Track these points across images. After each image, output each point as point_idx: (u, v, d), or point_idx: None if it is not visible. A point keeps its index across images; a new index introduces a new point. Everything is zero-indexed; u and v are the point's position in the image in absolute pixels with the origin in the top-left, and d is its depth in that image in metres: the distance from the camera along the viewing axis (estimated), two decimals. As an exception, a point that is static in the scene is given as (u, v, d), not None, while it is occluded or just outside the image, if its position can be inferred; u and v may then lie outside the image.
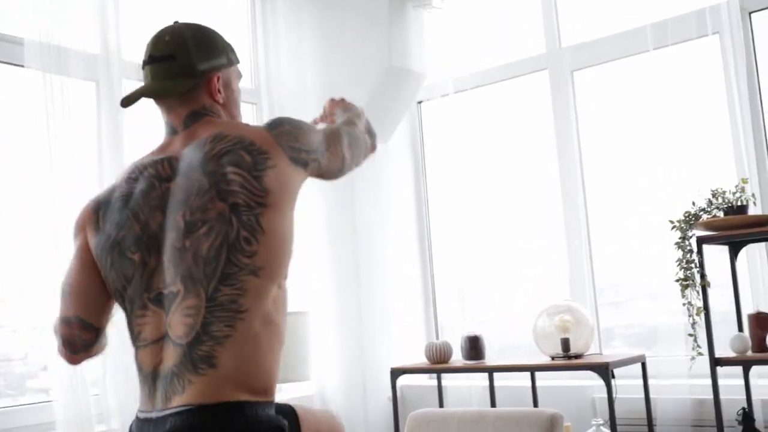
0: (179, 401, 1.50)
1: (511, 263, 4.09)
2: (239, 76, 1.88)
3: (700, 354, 2.83)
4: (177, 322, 1.55)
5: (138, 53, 3.44)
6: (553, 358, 3.24)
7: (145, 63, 1.78)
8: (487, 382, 3.60)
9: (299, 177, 1.68)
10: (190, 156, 1.65)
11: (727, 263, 3.00)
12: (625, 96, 3.70)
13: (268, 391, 1.56)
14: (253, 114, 4.15)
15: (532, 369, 3.30)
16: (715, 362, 2.75)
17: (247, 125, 1.73)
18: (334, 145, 1.78)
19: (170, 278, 1.58)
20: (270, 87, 4.15)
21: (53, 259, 2.92)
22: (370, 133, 1.95)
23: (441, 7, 4.07)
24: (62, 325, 1.69)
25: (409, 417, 2.65)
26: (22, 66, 3.09)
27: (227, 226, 1.55)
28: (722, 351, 2.84)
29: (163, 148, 1.75)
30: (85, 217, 1.73)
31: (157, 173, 1.67)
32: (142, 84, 1.80)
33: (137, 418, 1.62)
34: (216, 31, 1.83)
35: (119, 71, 3.36)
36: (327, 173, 1.78)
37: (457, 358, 3.55)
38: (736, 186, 2.82)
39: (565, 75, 3.87)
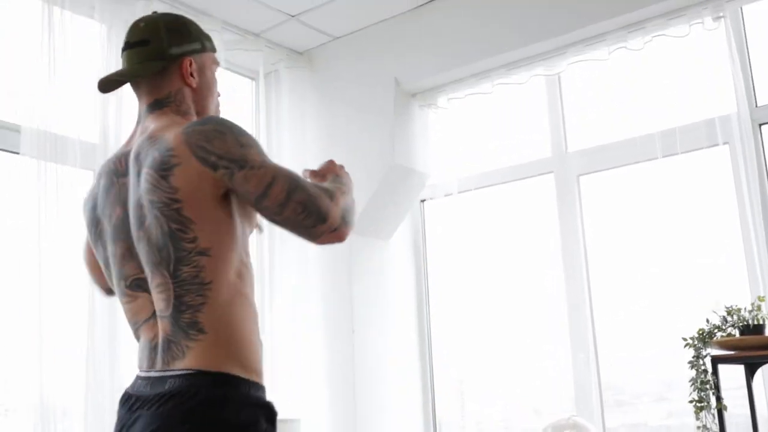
0: (181, 365, 1.59)
1: (514, 368, 3.93)
2: (215, 62, 1.90)
3: (716, 481, 2.65)
4: (156, 299, 1.65)
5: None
6: (558, 479, 3.05)
7: (123, 50, 1.83)
8: (487, 500, 3.40)
9: (209, 177, 1.61)
10: (132, 157, 1.72)
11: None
12: (633, 203, 3.63)
13: (257, 372, 1.64)
14: (252, 207, 4.07)
15: (536, 489, 3.10)
16: (734, 493, 2.57)
17: (176, 125, 1.72)
18: (266, 171, 1.63)
19: (140, 264, 1.69)
20: (271, 180, 4.09)
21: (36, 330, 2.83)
22: (345, 214, 1.71)
23: (447, 107, 4.04)
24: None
25: None
26: (18, 153, 3.05)
27: (160, 220, 1.62)
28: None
29: (128, 141, 1.81)
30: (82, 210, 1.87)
31: (116, 169, 1.76)
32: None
33: (137, 377, 1.70)
34: (193, 21, 1.87)
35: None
36: (241, 191, 1.62)
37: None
38: (752, 304, 2.69)
39: (571, 179, 3.80)
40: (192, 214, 1.61)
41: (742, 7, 3.34)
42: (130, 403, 1.67)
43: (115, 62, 3.35)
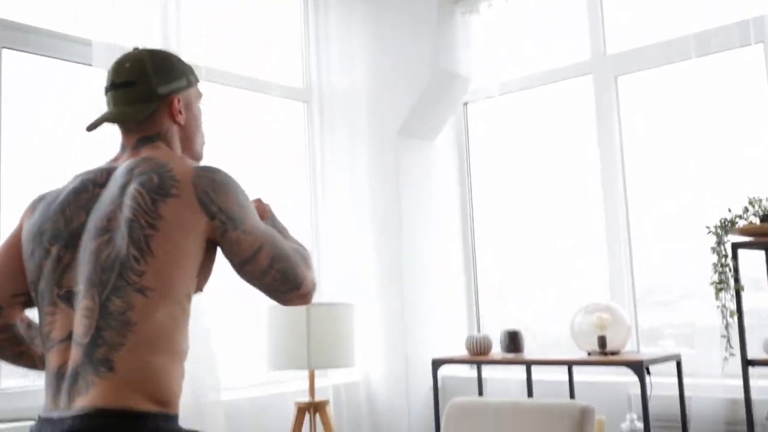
0: (82, 402, 1.51)
1: (552, 261, 4.20)
2: (199, 95, 1.92)
3: (732, 355, 2.93)
4: (78, 322, 1.58)
5: (196, 53, 3.65)
6: (589, 354, 3.35)
7: (107, 89, 1.82)
8: (525, 375, 3.73)
9: (201, 222, 1.65)
10: (123, 171, 1.70)
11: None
12: (668, 102, 3.79)
13: (172, 402, 1.57)
14: (304, 112, 4.33)
15: (569, 363, 3.41)
16: (747, 363, 2.84)
17: (183, 158, 1.74)
18: (255, 238, 1.70)
19: (79, 277, 1.62)
20: (321, 87, 4.33)
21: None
22: (314, 278, 1.79)
23: (488, 13, 4.19)
24: None
25: (449, 404, 2.79)
26: (91, 65, 3.32)
27: (122, 241, 1.59)
28: (756, 353, 2.92)
29: (112, 161, 1.81)
30: (27, 208, 1.81)
31: (95, 178, 1.73)
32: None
33: (39, 418, 1.61)
34: (175, 54, 1.88)
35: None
36: (229, 249, 1.68)
37: (497, 351, 3.69)
38: (772, 194, 2.90)
39: (609, 80, 3.96)
40: (157, 246, 1.58)
41: None
42: None
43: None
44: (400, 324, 4.13)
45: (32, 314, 2.96)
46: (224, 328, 3.62)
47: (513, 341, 3.60)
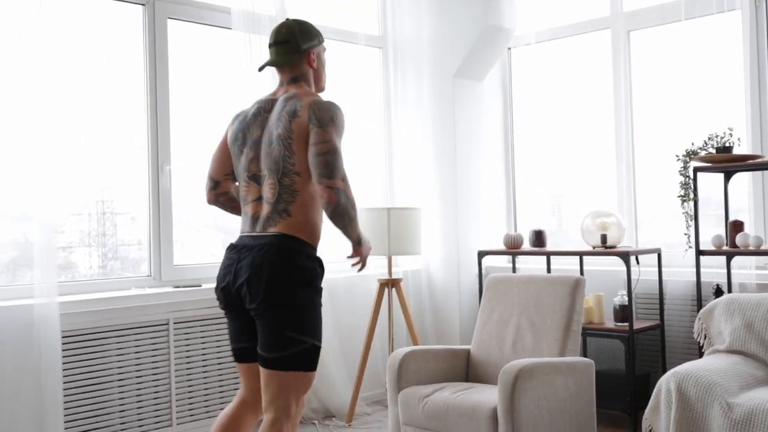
0: (273, 230, 2.64)
1: (572, 177, 5.35)
2: (325, 50, 2.93)
3: (690, 247, 4.09)
4: (266, 191, 2.70)
5: (300, 11, 4.70)
6: (594, 248, 4.54)
7: (271, 45, 2.84)
8: (545, 265, 4.95)
9: (307, 127, 2.64)
10: (279, 102, 2.75)
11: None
12: (665, 55, 4.82)
13: (316, 241, 2.71)
14: (379, 57, 5.47)
15: (580, 254, 4.61)
16: (699, 253, 4.02)
17: (312, 94, 2.76)
18: (327, 137, 2.62)
19: (262, 167, 2.72)
20: (394, 35, 5.45)
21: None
22: (345, 193, 2.62)
23: (529, -23, 5.22)
24: (206, 178, 2.93)
25: (488, 277, 4.06)
26: (230, 29, 4.49)
27: (281, 146, 2.66)
28: (708, 248, 4.08)
29: (273, 93, 2.85)
30: (230, 121, 2.90)
31: (264, 106, 2.80)
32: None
33: (240, 236, 2.75)
34: (310, 22, 2.88)
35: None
36: (311, 137, 2.62)
37: (526, 245, 4.91)
38: (724, 132, 3.99)
39: (622, 34, 5.00)
40: (296, 148, 2.64)
41: None
42: (237, 249, 2.69)
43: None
44: (454, 224, 5.37)
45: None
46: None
47: (538, 238, 4.81)
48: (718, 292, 4.03)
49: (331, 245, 4.92)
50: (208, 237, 4.74)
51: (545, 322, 3.70)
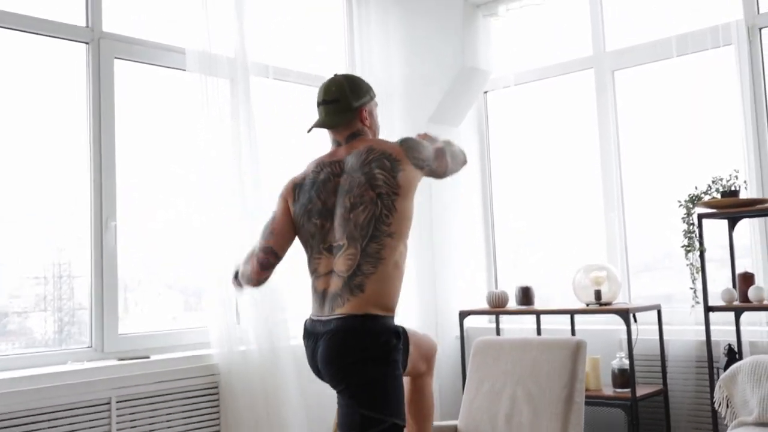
0: (340, 311, 2.51)
1: (557, 228, 4.97)
2: (376, 105, 2.85)
3: (697, 303, 3.69)
4: (341, 263, 2.54)
5: (264, 54, 4.29)
6: (587, 305, 4.13)
7: (319, 104, 2.75)
8: (535, 324, 4.51)
9: (418, 176, 2.64)
10: (352, 161, 2.63)
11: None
12: (655, 93, 4.51)
13: (392, 309, 2.58)
14: (348, 101, 5.07)
15: (571, 312, 4.19)
16: (708, 309, 3.62)
17: (386, 141, 2.68)
18: (440, 157, 2.71)
19: (339, 236, 2.57)
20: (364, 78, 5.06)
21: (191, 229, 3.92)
22: (462, 152, 2.85)
23: (506, 15, 4.91)
24: (261, 252, 2.74)
25: (475, 341, 3.60)
26: (185, 70, 4.06)
27: (375, 207, 2.52)
28: (717, 303, 3.69)
29: (332, 154, 2.74)
30: (288, 190, 2.76)
31: (333, 171, 2.67)
32: (317, 115, 2.83)
33: (311, 319, 2.65)
34: (362, 78, 2.82)
35: (249, 70, 4.29)
36: (435, 174, 2.73)
37: (512, 304, 4.48)
38: (730, 174, 3.64)
39: (607, 74, 4.68)
40: (398, 205, 2.53)
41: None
42: (311, 336, 2.63)
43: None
44: (431, 282, 4.93)
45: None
46: (293, 288, 4.38)
47: (525, 295, 4.39)
48: (731, 353, 3.62)
49: (295, 303, 4.50)
50: (168, 299, 4.27)
51: (544, 394, 3.24)
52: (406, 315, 4.90)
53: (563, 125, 4.98)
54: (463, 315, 4.51)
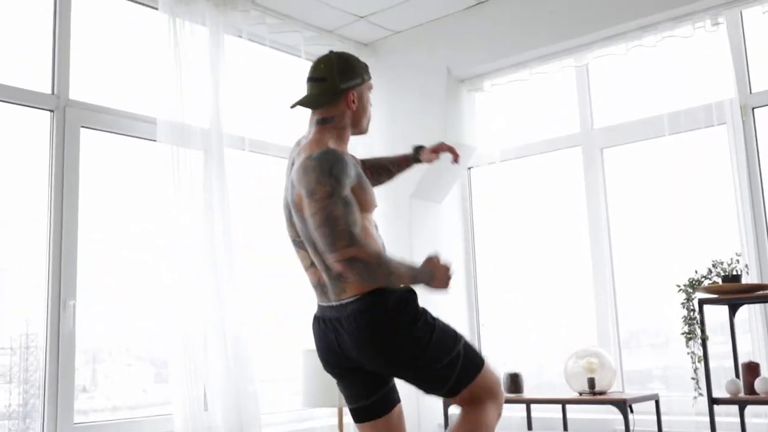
0: (346, 296, 2.42)
1: (546, 311, 4.73)
2: (370, 88, 2.67)
3: (700, 395, 3.45)
4: (314, 258, 2.48)
5: (238, 126, 4.11)
6: (580, 394, 3.87)
7: (307, 80, 2.59)
8: (525, 413, 4.23)
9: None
10: (296, 156, 2.56)
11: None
12: (646, 172, 4.36)
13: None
14: (327, 175, 4.87)
15: (563, 402, 3.93)
16: (713, 401, 3.38)
17: (312, 148, 2.47)
18: (315, 206, 2.36)
19: (296, 232, 2.53)
20: (343, 153, 4.88)
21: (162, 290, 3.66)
22: (348, 242, 2.35)
23: (491, 91, 4.78)
24: None
25: (463, 436, 3.31)
26: (155, 140, 3.84)
27: (298, 218, 2.47)
28: (720, 393, 3.45)
29: (304, 137, 2.62)
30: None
31: (293, 159, 2.58)
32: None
33: (319, 305, 2.55)
34: (356, 57, 2.62)
35: (222, 141, 4.09)
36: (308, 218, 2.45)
37: (499, 391, 4.19)
38: (732, 258, 3.45)
39: (595, 151, 4.54)
40: (308, 215, 2.43)
41: (742, 11, 4.01)
42: (325, 321, 2.51)
43: (221, 61, 4.12)
44: (413, 366, 4.63)
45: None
46: (266, 371, 4.11)
47: (514, 382, 4.12)
48: (738, 449, 3.37)
49: (268, 392, 4.20)
50: (139, 370, 3.98)
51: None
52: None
53: (551, 203, 4.80)
54: (447, 403, 4.22)
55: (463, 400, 2.53)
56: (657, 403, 3.80)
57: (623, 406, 3.58)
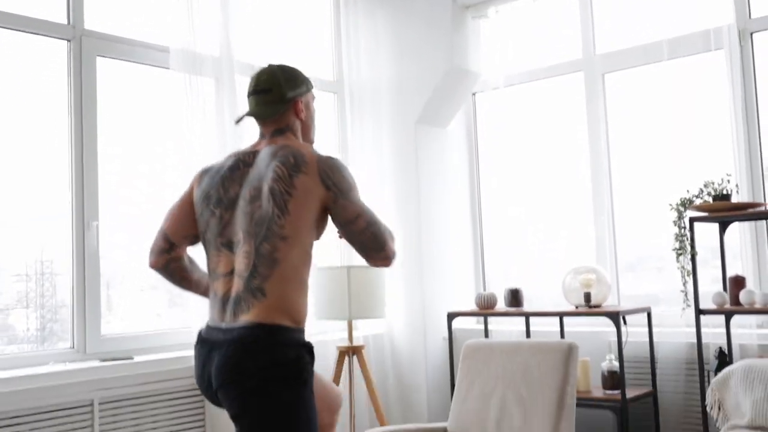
0: (245, 318, 2.20)
1: (547, 230, 4.93)
2: (314, 98, 2.61)
3: (688, 306, 3.67)
4: (240, 262, 2.27)
5: (248, 53, 4.25)
6: (577, 307, 4.09)
7: (250, 93, 2.50)
8: (524, 326, 4.47)
9: (320, 192, 2.31)
10: (264, 154, 2.39)
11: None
12: (645, 97, 4.48)
13: (301, 322, 2.27)
14: (334, 103, 5.03)
15: (561, 315, 4.16)
16: (699, 312, 3.59)
17: (309, 147, 2.41)
18: (357, 207, 2.34)
19: (237, 231, 2.31)
20: (350, 79, 5.02)
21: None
22: (388, 236, 2.37)
23: (495, 17, 4.87)
24: (155, 235, 2.51)
25: (465, 345, 3.55)
26: (168, 68, 3.99)
27: (268, 203, 2.26)
28: (708, 306, 3.66)
29: (254, 145, 2.50)
30: (196, 176, 2.51)
31: (244, 160, 2.42)
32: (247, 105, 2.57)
33: (207, 326, 2.34)
34: (296, 68, 2.55)
35: (233, 68, 4.23)
36: (336, 212, 2.33)
37: (501, 305, 4.43)
38: (722, 178, 3.61)
39: (597, 77, 4.66)
40: (292, 208, 2.25)
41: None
42: (207, 344, 2.29)
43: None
44: (419, 284, 4.87)
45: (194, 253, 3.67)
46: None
47: (515, 297, 4.35)
48: (721, 355, 3.60)
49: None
50: (153, 296, 4.20)
51: (535, 397, 3.20)
52: (394, 316, 4.86)
53: (553, 127, 4.94)
54: (451, 316, 4.46)
55: None
56: (649, 315, 4.02)
57: (616, 317, 3.80)
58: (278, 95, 2.45)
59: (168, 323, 4.08)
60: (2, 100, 3.59)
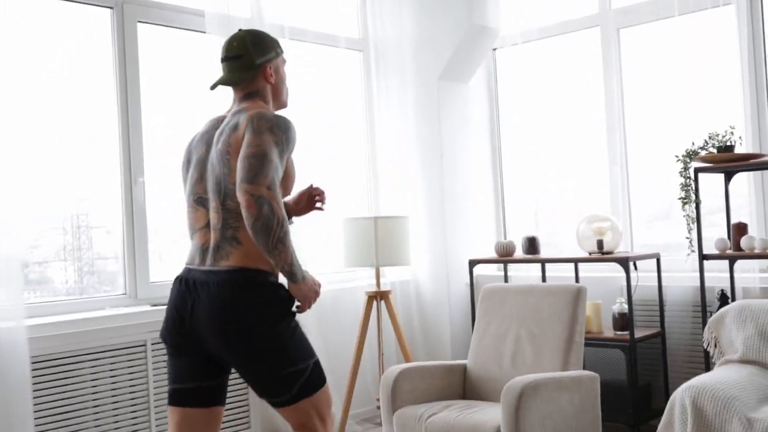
0: (226, 263, 2.39)
1: (564, 181, 5.17)
2: (284, 62, 2.68)
3: (693, 252, 3.92)
4: (212, 216, 2.45)
5: (280, 15, 4.47)
6: (590, 254, 4.36)
7: (222, 60, 2.60)
8: (540, 273, 4.75)
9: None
10: (229, 117, 2.53)
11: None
12: (657, 52, 4.66)
13: (274, 269, 2.42)
14: (360, 59, 5.27)
15: (575, 261, 4.43)
16: (702, 257, 3.84)
17: (260, 108, 2.50)
18: (259, 142, 2.36)
19: (207, 189, 2.48)
20: (375, 37, 5.24)
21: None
22: (270, 205, 2.31)
23: (514, -25, 5.05)
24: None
25: (483, 288, 3.86)
26: (204, 32, 4.26)
27: (220, 165, 2.43)
28: (712, 251, 3.91)
29: (227, 111, 2.60)
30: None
31: (214, 124, 2.57)
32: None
33: (187, 268, 2.49)
34: (266, 33, 2.65)
35: (264, 30, 4.46)
36: (243, 148, 2.38)
37: (519, 253, 4.72)
38: (726, 130, 3.82)
39: (612, 31, 4.84)
40: (233, 164, 2.38)
41: None
42: (188, 284, 2.43)
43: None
44: (442, 232, 5.17)
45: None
46: (309, 235, 4.62)
47: (532, 245, 4.62)
48: (723, 297, 3.86)
49: (315, 256, 4.75)
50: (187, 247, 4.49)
51: (546, 335, 3.50)
52: (419, 264, 5.17)
53: (570, 82, 5.14)
54: (472, 263, 4.75)
55: (293, 420, 2.48)
56: (658, 261, 4.28)
57: (626, 263, 4.07)
58: (248, 62, 2.55)
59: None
60: (52, 64, 3.89)
